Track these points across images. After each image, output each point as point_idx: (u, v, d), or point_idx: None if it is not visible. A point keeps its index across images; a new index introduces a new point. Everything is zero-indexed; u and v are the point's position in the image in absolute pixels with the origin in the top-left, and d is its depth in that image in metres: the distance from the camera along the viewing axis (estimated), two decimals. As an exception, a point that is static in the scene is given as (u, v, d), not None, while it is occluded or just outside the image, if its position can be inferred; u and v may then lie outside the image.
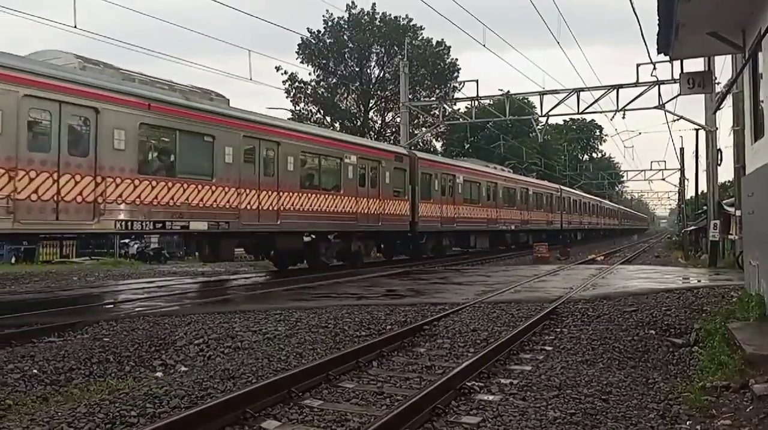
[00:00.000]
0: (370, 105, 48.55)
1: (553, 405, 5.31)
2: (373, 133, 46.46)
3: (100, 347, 7.39)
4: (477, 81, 30.11)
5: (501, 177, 32.97)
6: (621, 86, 27.03)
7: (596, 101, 28.19)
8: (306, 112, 45.86)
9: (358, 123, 46.83)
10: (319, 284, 14.76)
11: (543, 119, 33.18)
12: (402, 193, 22.65)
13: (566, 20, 44.81)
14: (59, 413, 4.92)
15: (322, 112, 46.63)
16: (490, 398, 5.59)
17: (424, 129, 44.56)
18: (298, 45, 45.75)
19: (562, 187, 44.84)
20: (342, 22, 46.45)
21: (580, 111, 29.52)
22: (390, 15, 47.05)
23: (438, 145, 53.96)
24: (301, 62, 45.91)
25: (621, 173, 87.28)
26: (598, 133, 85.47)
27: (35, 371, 6.32)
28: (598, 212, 61.92)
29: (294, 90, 45.89)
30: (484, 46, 25.48)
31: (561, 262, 25.98)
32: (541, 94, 29.28)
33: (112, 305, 11.96)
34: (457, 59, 49.03)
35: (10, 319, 9.41)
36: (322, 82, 47.00)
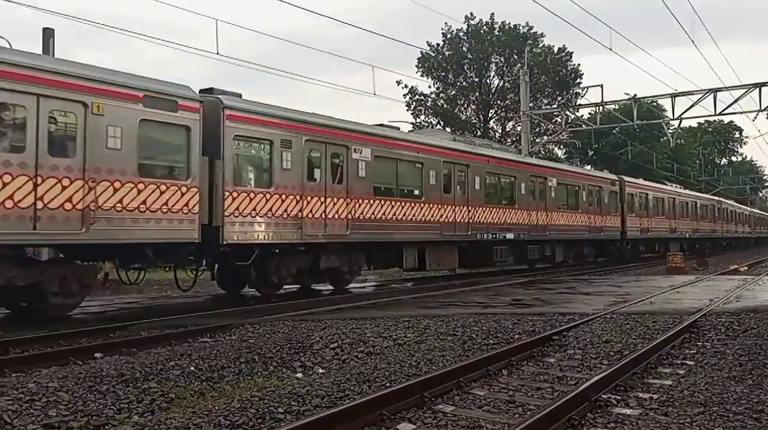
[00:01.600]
0: (490, 115, 48.27)
1: (699, 422, 5.08)
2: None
3: (247, 347, 7.94)
4: (601, 86, 29.34)
5: (479, 157, 20.10)
6: (764, 84, 25.15)
7: (736, 101, 26.46)
8: (426, 124, 46.35)
9: (478, 133, 46.67)
10: (446, 293, 14.94)
11: (675, 123, 31.58)
12: (176, 173, 11.80)
13: (700, 16, 42.37)
14: (216, 407, 5.35)
15: (442, 123, 46.93)
16: (629, 412, 5.43)
17: (545, 137, 43.60)
18: (418, 59, 46.47)
19: (625, 178, 31.84)
20: (461, 34, 46.64)
21: (718, 113, 27.76)
22: (509, 24, 46.64)
23: (560, 152, 52.63)
24: (421, 75, 46.58)
25: (766, 178, 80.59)
26: (737, 136, 79.62)
27: (192, 368, 6.90)
28: (715, 216, 46.83)
29: (414, 103, 46.59)
30: (610, 49, 24.68)
31: (698, 272, 24.42)
32: (673, 96, 27.94)
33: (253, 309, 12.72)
34: (579, 65, 47.67)
35: (169, 321, 10.36)
36: (441, 94, 47.35)
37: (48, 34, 18.49)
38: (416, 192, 17.50)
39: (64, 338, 8.86)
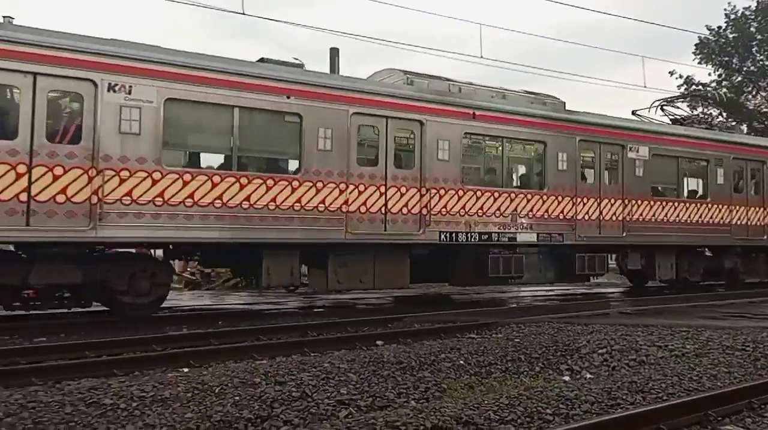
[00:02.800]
0: (786, 102, 42.04)
1: None
2: (790, 134, 40.14)
3: (513, 346, 8.06)
4: None
5: (449, 110, 12.43)
6: None
7: None
8: (705, 116, 42.07)
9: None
10: (730, 303, 13.50)
11: None
12: None
13: None
14: (485, 401, 5.53)
15: (724, 114, 42.18)
16: None
17: None
18: (695, 45, 42.32)
19: None
20: (748, 12, 41.40)
21: None
22: (814, -7, 40.07)
23: None
24: (699, 63, 42.37)
25: None
26: None
27: (461, 362, 7.22)
28: None
29: (690, 94, 42.62)
30: None
31: None
32: None
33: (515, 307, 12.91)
34: None
35: (438, 316, 11.01)
36: (724, 82, 42.56)
37: (334, 53, 20.84)
38: (288, 164, 11.23)
39: (351, 325, 9.98)
